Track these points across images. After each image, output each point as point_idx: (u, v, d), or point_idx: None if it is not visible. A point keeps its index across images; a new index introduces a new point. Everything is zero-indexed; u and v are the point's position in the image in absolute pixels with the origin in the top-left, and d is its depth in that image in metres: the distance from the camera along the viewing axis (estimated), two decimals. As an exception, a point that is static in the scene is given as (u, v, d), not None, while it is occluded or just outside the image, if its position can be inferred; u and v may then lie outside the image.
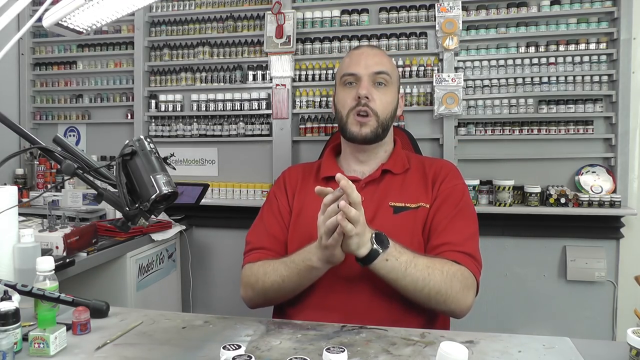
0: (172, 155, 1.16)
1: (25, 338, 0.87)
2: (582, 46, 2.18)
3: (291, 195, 1.33)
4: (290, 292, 1.17)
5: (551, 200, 2.13)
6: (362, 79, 1.27)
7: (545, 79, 2.21)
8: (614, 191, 2.13)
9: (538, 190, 2.16)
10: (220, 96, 2.53)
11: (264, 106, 2.46)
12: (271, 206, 1.34)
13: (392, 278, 1.06)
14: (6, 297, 0.95)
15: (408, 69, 2.32)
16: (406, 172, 1.30)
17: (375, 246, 1.03)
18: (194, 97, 2.57)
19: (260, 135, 2.48)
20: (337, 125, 1.43)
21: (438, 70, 2.29)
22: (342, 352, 0.72)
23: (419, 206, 1.23)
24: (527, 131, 2.23)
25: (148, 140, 0.90)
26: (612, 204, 2.08)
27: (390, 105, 1.30)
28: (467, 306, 1.12)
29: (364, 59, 1.30)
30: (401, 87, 1.37)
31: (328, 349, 0.72)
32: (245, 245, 1.30)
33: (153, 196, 0.84)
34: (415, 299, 1.10)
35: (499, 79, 2.25)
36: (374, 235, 1.04)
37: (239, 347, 0.75)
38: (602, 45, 2.16)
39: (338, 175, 0.98)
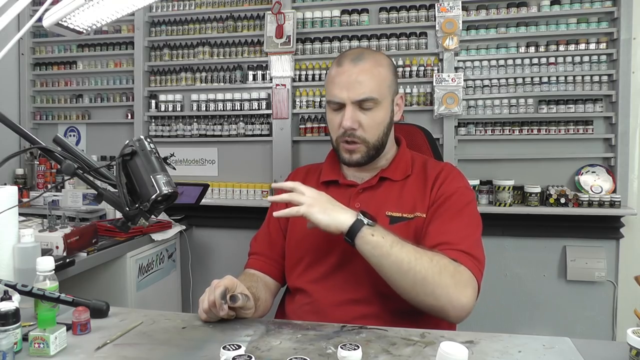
0: (172, 155, 1.15)
1: (25, 338, 0.86)
2: (582, 46, 2.18)
3: None
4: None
5: (551, 200, 2.13)
6: (347, 107, 1.17)
7: (545, 79, 2.21)
8: (614, 191, 2.13)
9: (538, 190, 2.16)
10: (220, 96, 2.53)
11: (264, 106, 2.46)
12: (271, 210, 1.33)
13: (377, 255, 1.01)
14: (6, 297, 0.95)
15: (408, 69, 2.32)
16: (407, 178, 1.23)
17: (359, 217, 1.03)
18: (194, 97, 2.57)
19: (260, 135, 2.48)
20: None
21: (438, 70, 2.29)
22: (357, 349, 0.72)
23: (415, 216, 1.16)
24: (527, 131, 2.23)
25: (148, 140, 0.90)
26: (612, 204, 2.08)
27: (382, 125, 1.20)
28: (462, 305, 1.01)
29: (347, 82, 1.17)
30: (400, 87, 1.33)
31: (344, 345, 0.73)
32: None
33: (153, 196, 0.84)
34: (400, 286, 1.03)
35: (499, 79, 2.25)
36: (360, 212, 1.04)
37: (239, 347, 0.75)
38: (602, 45, 2.16)
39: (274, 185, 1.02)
